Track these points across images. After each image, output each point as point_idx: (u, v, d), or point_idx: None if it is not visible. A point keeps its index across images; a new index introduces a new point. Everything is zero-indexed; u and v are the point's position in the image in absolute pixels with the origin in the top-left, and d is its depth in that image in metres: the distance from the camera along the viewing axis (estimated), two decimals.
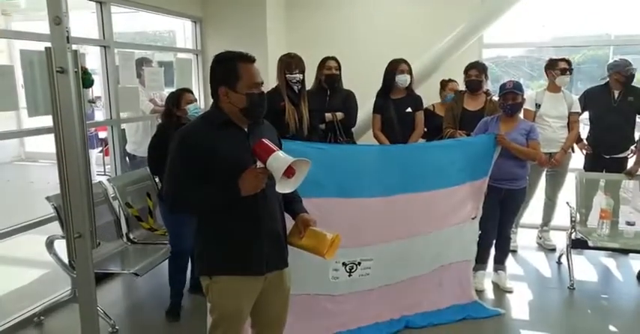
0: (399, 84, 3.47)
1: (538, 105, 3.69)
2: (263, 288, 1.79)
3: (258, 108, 1.69)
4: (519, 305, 3.09)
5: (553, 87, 3.72)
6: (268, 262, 1.76)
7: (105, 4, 3.53)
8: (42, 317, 2.90)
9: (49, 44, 1.52)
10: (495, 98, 3.43)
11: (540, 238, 4.10)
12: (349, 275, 2.63)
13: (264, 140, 1.60)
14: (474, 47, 4.40)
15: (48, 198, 2.75)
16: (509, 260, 3.48)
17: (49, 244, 2.74)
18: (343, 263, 2.60)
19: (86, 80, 2.97)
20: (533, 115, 3.65)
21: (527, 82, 7.83)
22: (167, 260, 3.00)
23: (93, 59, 3.98)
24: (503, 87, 3.08)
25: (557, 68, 3.65)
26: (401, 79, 3.45)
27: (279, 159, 1.54)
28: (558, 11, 6.06)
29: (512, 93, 3.03)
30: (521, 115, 3.24)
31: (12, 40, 3.98)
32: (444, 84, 4.07)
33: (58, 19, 1.49)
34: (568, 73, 3.65)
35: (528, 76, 7.97)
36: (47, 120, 2.67)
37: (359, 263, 2.63)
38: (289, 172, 1.54)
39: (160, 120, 3.11)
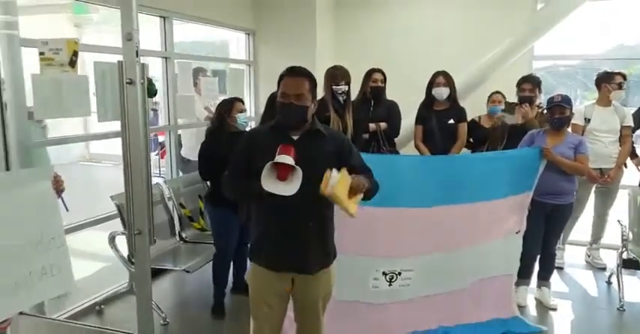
0: (436, 97, 3.50)
1: (587, 120, 3.58)
2: (294, 288, 1.94)
3: (283, 115, 1.86)
4: (563, 324, 3.01)
5: (603, 101, 3.60)
6: (282, 262, 1.89)
7: (167, 19, 3.82)
8: (102, 306, 3.16)
9: (119, 56, 1.69)
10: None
11: (589, 256, 3.95)
12: (389, 285, 2.65)
13: (291, 146, 1.73)
14: (524, 58, 4.33)
15: (112, 197, 3.00)
16: (555, 278, 3.38)
17: (111, 239, 2.98)
18: (383, 273, 2.62)
19: (150, 90, 3.22)
20: (582, 130, 3.55)
21: (584, 92, 7.49)
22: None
23: (153, 68, 4.26)
24: (550, 100, 3.03)
25: (613, 82, 3.54)
26: (436, 92, 3.48)
27: (278, 158, 1.67)
28: (615, 19, 5.76)
29: (559, 106, 2.97)
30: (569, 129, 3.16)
31: (83, 52, 4.33)
32: (489, 96, 4.01)
33: (129, 35, 1.64)
34: (624, 87, 3.54)
35: (584, 86, 7.62)
36: (110, 125, 2.93)
37: (399, 273, 2.65)
38: (281, 174, 1.66)
39: (209, 125, 3.24)
